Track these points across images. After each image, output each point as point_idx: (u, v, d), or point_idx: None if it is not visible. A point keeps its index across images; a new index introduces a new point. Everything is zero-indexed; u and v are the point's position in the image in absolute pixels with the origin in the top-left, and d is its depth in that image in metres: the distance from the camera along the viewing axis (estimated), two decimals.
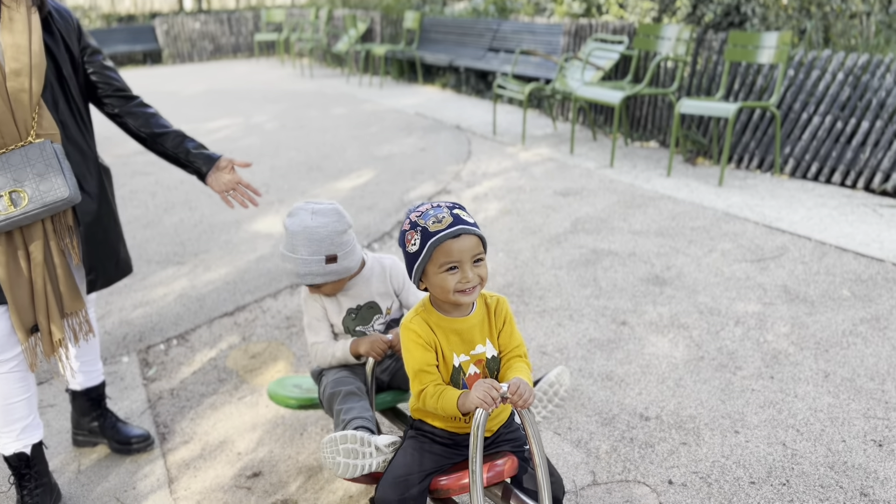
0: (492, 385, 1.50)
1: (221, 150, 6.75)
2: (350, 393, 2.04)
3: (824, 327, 2.98)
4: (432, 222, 1.59)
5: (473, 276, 1.60)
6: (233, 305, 3.60)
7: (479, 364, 1.71)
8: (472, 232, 1.59)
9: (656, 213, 4.44)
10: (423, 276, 1.64)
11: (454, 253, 1.57)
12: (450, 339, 1.68)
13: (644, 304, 3.29)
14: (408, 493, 1.67)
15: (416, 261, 1.61)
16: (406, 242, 1.64)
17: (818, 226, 4.08)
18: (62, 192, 1.93)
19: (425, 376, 1.65)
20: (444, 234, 1.57)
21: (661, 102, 6.25)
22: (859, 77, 4.99)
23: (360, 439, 1.73)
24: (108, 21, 16.36)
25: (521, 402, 1.51)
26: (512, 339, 1.75)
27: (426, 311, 1.69)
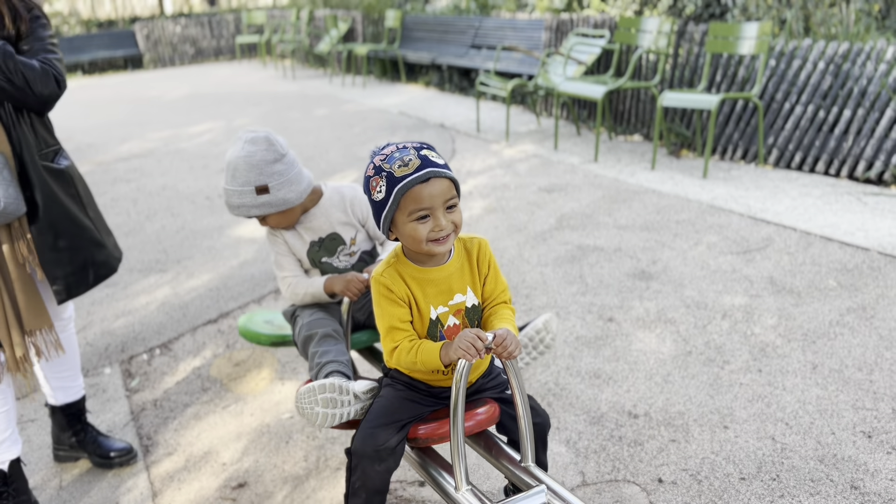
0: (476, 335, 1.41)
1: (204, 153, 6.69)
2: (326, 335, 1.98)
3: (811, 318, 2.97)
4: (398, 166, 1.46)
5: (447, 224, 1.48)
6: (216, 312, 3.55)
7: (459, 314, 1.62)
8: (443, 174, 1.46)
9: (641, 208, 4.43)
10: (392, 226, 1.52)
11: (424, 199, 1.44)
12: (426, 290, 1.57)
13: (631, 300, 3.27)
14: (385, 443, 1.59)
15: (384, 210, 1.49)
16: (371, 189, 1.51)
17: (803, 216, 4.07)
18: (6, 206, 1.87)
19: (398, 333, 1.55)
20: (413, 179, 1.44)
21: (643, 96, 6.24)
22: (840, 65, 4.99)
23: (339, 388, 1.67)
24: (87, 27, 16.22)
25: (506, 353, 1.43)
26: (497, 285, 1.64)
27: (399, 262, 1.58)
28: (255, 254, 4.23)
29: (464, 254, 1.62)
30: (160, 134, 7.94)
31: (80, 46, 14.56)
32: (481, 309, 1.65)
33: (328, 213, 2.14)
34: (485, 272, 1.63)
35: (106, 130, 8.32)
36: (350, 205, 2.16)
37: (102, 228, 2.30)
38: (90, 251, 2.19)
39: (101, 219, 2.31)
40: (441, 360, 1.50)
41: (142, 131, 8.16)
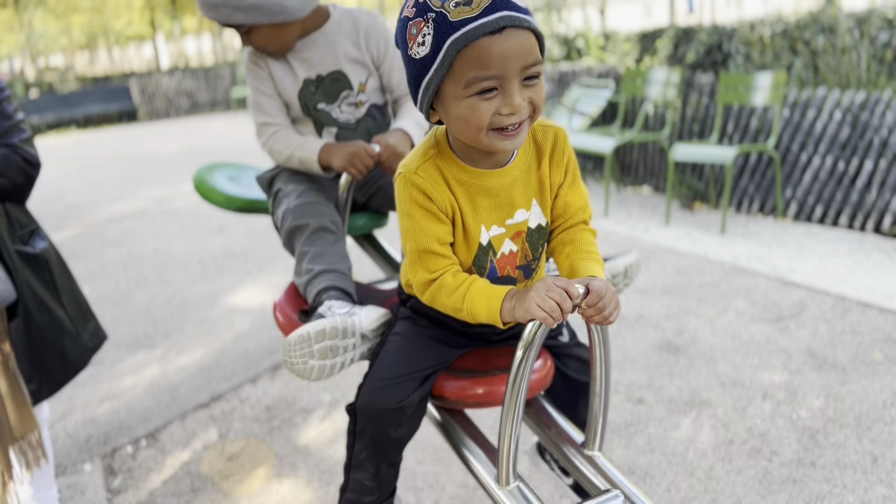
0: (566, 290, 0.97)
1: (197, 213, 6.47)
2: (319, 229, 1.51)
3: (862, 399, 2.70)
4: (455, 4, 0.95)
5: (522, 103, 0.99)
6: (208, 395, 3.27)
7: (518, 238, 1.16)
8: (525, 24, 0.97)
9: (660, 269, 4.18)
10: (435, 100, 1.04)
11: (493, 61, 0.94)
12: (476, 202, 1.11)
13: (660, 378, 3.00)
14: (403, 401, 1.16)
15: (427, 73, 0.99)
16: (408, 39, 1.00)
17: (834, 277, 3.83)
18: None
19: (435, 260, 1.10)
20: (479, 27, 0.94)
21: (651, 147, 6.06)
22: (858, 115, 4.81)
23: (342, 331, 1.24)
24: (83, 83, 16.21)
25: (600, 317, 1.00)
26: (576, 196, 1.19)
27: (441, 156, 1.10)
28: (251, 325, 3.96)
29: (532, 150, 1.14)
30: (153, 192, 7.74)
31: (75, 102, 14.48)
32: (549, 231, 1.20)
33: (334, 42, 1.62)
34: (559, 179, 1.16)
35: (98, 189, 8.11)
36: (365, 36, 1.64)
37: (78, 315, 2.06)
38: (63, 341, 1.96)
39: (77, 304, 2.08)
40: (502, 316, 1.04)
41: (135, 189, 7.96)
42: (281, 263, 4.88)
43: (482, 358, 1.28)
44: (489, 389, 1.23)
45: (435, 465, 1.78)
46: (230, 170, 1.95)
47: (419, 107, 1.07)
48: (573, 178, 1.19)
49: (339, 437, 2.82)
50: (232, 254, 5.22)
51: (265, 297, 4.32)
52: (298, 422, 2.98)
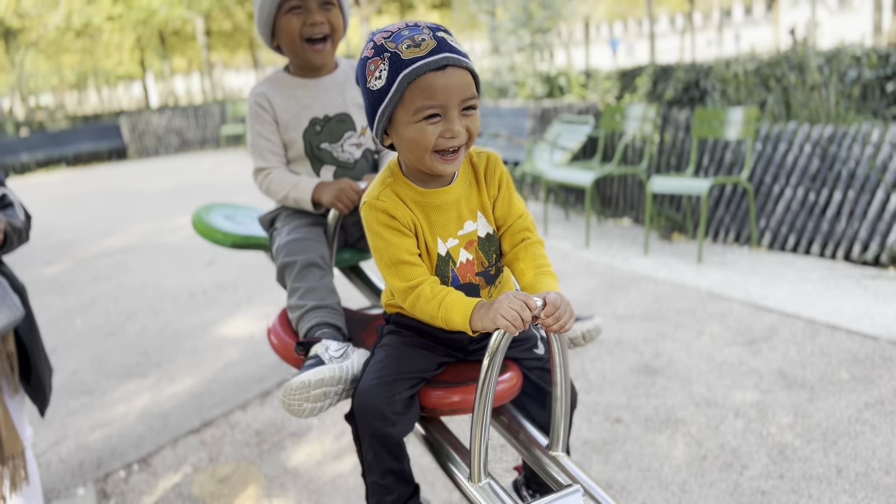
0: (524, 302, 1.11)
1: (187, 247, 6.57)
2: (308, 265, 1.61)
3: (828, 415, 2.83)
4: (406, 46, 1.15)
5: (461, 129, 1.17)
6: (199, 421, 3.35)
7: (471, 247, 1.31)
8: (463, 64, 1.16)
9: (639, 296, 4.32)
10: (389, 126, 1.21)
11: (437, 93, 1.14)
12: (431, 218, 1.27)
13: (637, 398, 3.12)
14: (396, 396, 1.28)
15: (382, 102, 1.17)
16: (368, 74, 1.19)
17: (805, 302, 3.97)
18: (14, 313, 1.78)
19: (409, 269, 1.24)
20: (425, 64, 1.13)
21: (631, 179, 6.24)
22: (826, 148, 5.01)
23: (338, 378, 1.36)
24: (73, 121, 16.37)
25: (558, 325, 1.14)
26: (512, 207, 1.34)
27: (396, 182, 1.27)
28: (240, 354, 4.05)
29: (470, 171, 1.32)
30: (143, 227, 7.83)
31: (65, 140, 14.62)
32: (497, 238, 1.35)
33: (343, 87, 1.76)
34: (494, 193, 1.32)
35: (88, 225, 8.20)
36: None
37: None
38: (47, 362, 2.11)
39: None
40: (471, 324, 1.18)
41: (124, 225, 8.05)
42: (270, 294, 4.98)
43: (457, 372, 1.42)
44: (463, 398, 1.36)
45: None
46: (226, 209, 2.08)
47: (374, 132, 1.23)
48: (507, 191, 1.33)
49: (327, 460, 2.90)
50: (222, 286, 5.31)
51: (254, 328, 4.42)
52: (288, 445, 3.06)
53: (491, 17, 10.82)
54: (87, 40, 22.34)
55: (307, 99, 1.73)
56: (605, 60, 32.98)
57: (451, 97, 1.15)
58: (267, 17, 1.69)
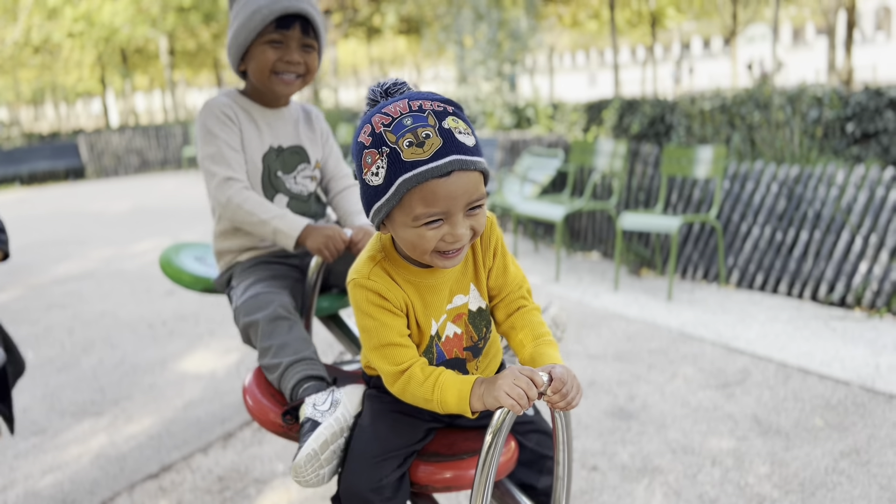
0: (531, 378, 1.04)
1: (147, 276, 6.37)
2: (274, 319, 1.51)
3: (805, 465, 2.80)
4: (408, 144, 1.03)
5: (464, 232, 1.08)
6: (158, 465, 3.19)
7: (460, 321, 1.23)
8: (472, 166, 1.05)
9: (610, 334, 4.29)
10: (387, 220, 1.12)
11: (439, 201, 1.03)
12: (426, 298, 1.19)
13: (613, 444, 3.06)
14: (384, 481, 1.18)
15: (379, 200, 1.07)
16: (364, 166, 1.08)
17: (775, 343, 3.98)
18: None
19: (399, 352, 1.16)
20: (428, 171, 1.02)
21: (600, 214, 6.25)
22: (793, 188, 5.08)
23: (340, 430, 1.27)
24: (29, 139, 15.95)
25: (565, 403, 1.07)
26: (508, 276, 1.25)
27: (388, 260, 1.18)
28: (202, 392, 3.90)
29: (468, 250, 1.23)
30: (101, 252, 7.60)
31: (19, 158, 14.20)
32: (489, 312, 1.26)
33: (297, 123, 1.73)
34: (490, 263, 1.24)
35: (42, 249, 7.93)
36: (315, 121, 1.76)
37: None
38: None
39: None
40: (471, 406, 1.09)
41: (81, 250, 7.81)
42: (232, 329, 4.82)
43: (450, 441, 1.32)
44: (457, 474, 1.26)
45: None
46: (196, 250, 1.98)
47: (371, 222, 1.14)
48: (503, 258, 1.26)
49: None
50: (182, 317, 5.15)
51: (217, 363, 4.27)
52: (252, 493, 2.93)
53: (459, 47, 10.87)
54: (45, 56, 21.89)
55: (265, 126, 1.67)
56: (570, 90, 33.49)
57: (455, 203, 1.05)
58: (242, 42, 1.61)
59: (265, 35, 1.60)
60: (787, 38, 53.34)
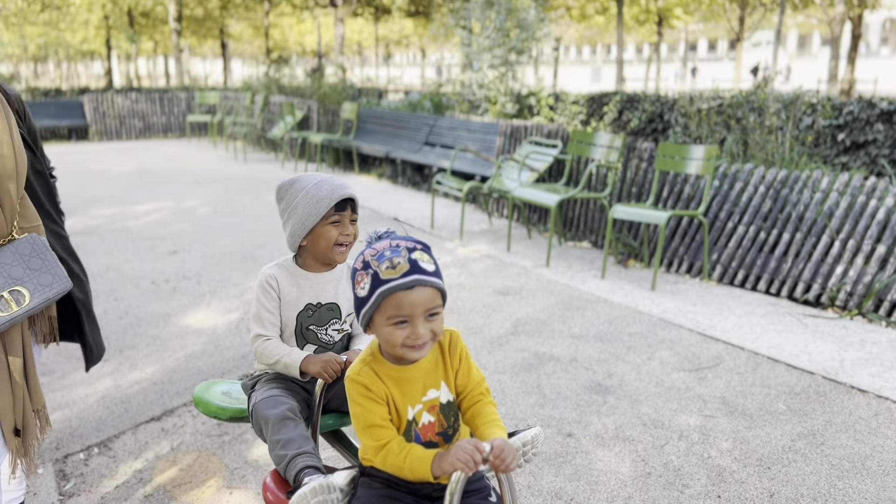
0: (475, 446, 1.37)
1: (150, 235, 6.55)
2: (283, 418, 1.88)
3: (764, 443, 3.02)
4: (385, 267, 1.44)
5: (425, 332, 1.45)
6: (160, 409, 3.39)
7: (433, 411, 1.57)
8: (430, 283, 1.45)
9: (594, 317, 4.50)
10: (370, 323, 1.51)
11: (405, 307, 1.42)
12: (403, 390, 1.55)
13: (589, 415, 3.27)
14: None
15: (364, 307, 1.48)
16: (356, 283, 1.51)
17: (749, 335, 4.20)
18: (62, 284, 1.88)
19: (381, 431, 1.51)
20: (396, 285, 1.42)
21: (592, 205, 6.45)
22: (779, 191, 5.29)
23: (326, 487, 1.60)
24: (32, 94, 16.00)
25: (504, 466, 1.39)
26: (470, 377, 1.61)
27: (375, 361, 1.55)
28: (203, 346, 4.09)
29: (436, 347, 1.59)
30: (104, 211, 7.76)
31: None
32: (457, 404, 1.61)
33: (339, 282, 2.09)
34: (456, 366, 1.60)
35: None
36: None
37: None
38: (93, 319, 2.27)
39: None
40: (432, 472, 1.44)
41: (85, 207, 7.96)
42: (234, 290, 5.02)
43: None
44: None
45: None
46: (223, 386, 2.35)
47: (360, 325, 1.52)
48: (467, 363, 1.60)
49: None
50: (185, 276, 5.33)
51: (218, 321, 4.46)
52: (249, 438, 3.13)
53: (467, 33, 11.01)
54: (53, 13, 21.86)
55: (307, 288, 2.06)
56: (573, 83, 33.58)
57: (416, 310, 1.43)
58: (310, 225, 2.00)
59: (328, 218, 1.99)
60: (793, 46, 53.35)
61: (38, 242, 1.88)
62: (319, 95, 13.20)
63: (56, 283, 1.86)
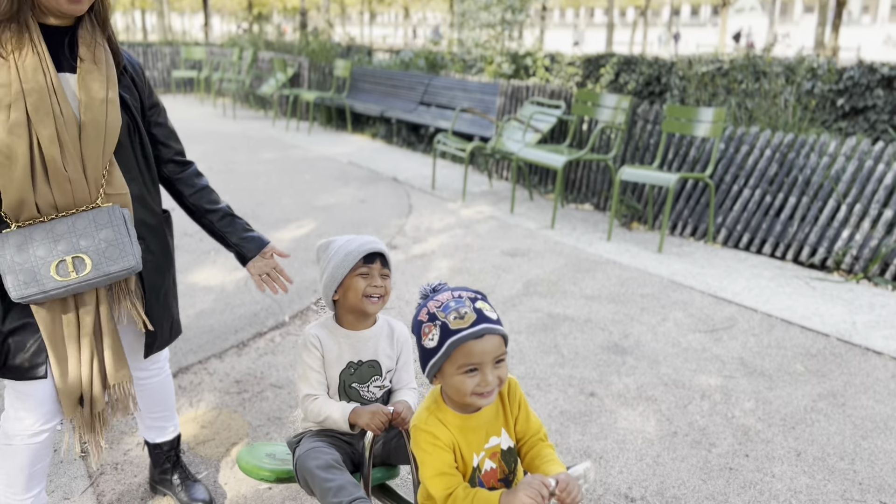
0: (542, 482, 1.38)
1: None
2: (328, 466, 1.88)
3: (786, 403, 3.05)
4: (454, 318, 1.48)
5: (493, 379, 1.49)
6: (175, 367, 3.34)
7: (495, 458, 1.60)
8: (497, 332, 1.49)
9: (605, 278, 4.49)
10: (438, 373, 1.53)
11: (475, 355, 1.46)
12: (468, 437, 1.57)
13: (609, 375, 3.28)
14: None
15: (433, 358, 1.50)
16: (422, 335, 1.53)
17: (759, 297, 4.22)
18: (128, 262, 1.79)
19: (449, 479, 1.52)
20: (467, 335, 1.46)
21: (595, 167, 6.42)
22: (785, 154, 5.28)
23: None
24: None
25: (570, 499, 1.41)
26: (530, 424, 1.64)
27: (439, 410, 1.57)
28: (213, 303, 4.03)
29: (497, 395, 1.61)
30: None
31: None
32: (517, 450, 1.64)
33: (378, 339, 2.10)
34: (516, 412, 1.63)
35: None
36: (397, 340, 2.13)
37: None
38: (174, 306, 2.18)
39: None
40: None
41: None
42: None
43: None
44: None
45: None
46: (266, 447, 2.32)
47: (427, 375, 1.54)
48: (525, 411, 1.64)
49: None
50: (186, 233, 5.24)
51: (225, 278, 4.39)
52: (269, 396, 3.10)
53: None
54: None
55: (347, 346, 2.06)
56: (557, 46, 33.29)
57: (486, 357, 1.46)
58: (339, 276, 2.01)
59: (356, 270, 1.99)
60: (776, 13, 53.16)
61: (117, 214, 1.79)
62: (308, 52, 12.94)
63: (122, 259, 1.78)
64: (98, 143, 1.78)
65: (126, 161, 1.90)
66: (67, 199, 1.77)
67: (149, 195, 1.99)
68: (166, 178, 2.15)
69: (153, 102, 2.04)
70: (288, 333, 3.71)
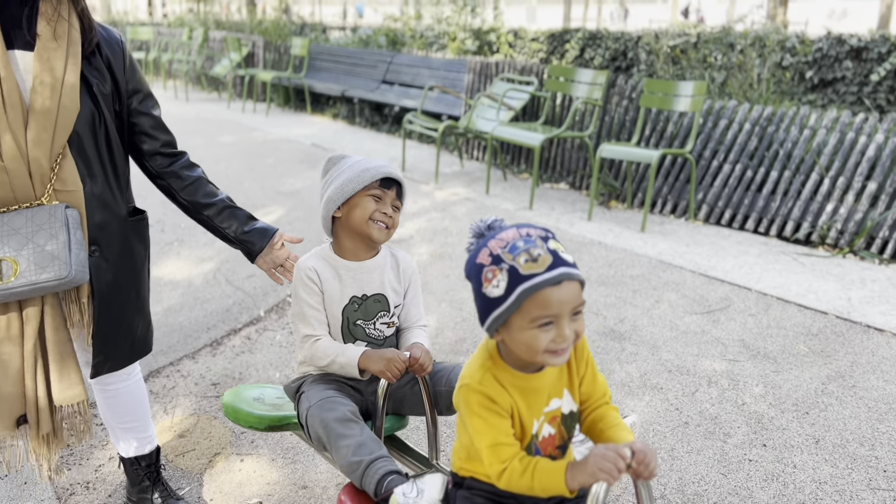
0: (617, 453, 1.18)
1: None
2: (346, 420, 1.67)
3: (796, 387, 2.93)
4: (524, 260, 1.22)
5: (571, 334, 1.24)
6: (145, 370, 3.08)
7: (554, 422, 1.37)
8: (576, 277, 1.24)
9: (592, 260, 4.34)
10: (503, 327, 1.28)
11: (552, 305, 1.20)
12: (528, 400, 1.33)
13: (609, 362, 3.12)
14: None
15: (498, 308, 1.25)
16: (484, 281, 1.27)
17: (751, 275, 4.11)
18: (59, 272, 1.54)
19: (504, 449, 1.29)
20: (542, 281, 1.21)
21: (570, 145, 6.25)
22: (765, 128, 5.18)
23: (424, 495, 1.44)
24: None
25: (648, 472, 1.20)
26: (596, 385, 1.42)
27: (496, 367, 1.33)
28: (181, 299, 3.76)
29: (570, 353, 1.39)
30: None
31: None
32: (579, 414, 1.42)
33: (383, 270, 1.88)
34: (583, 371, 1.40)
35: None
36: (403, 273, 1.92)
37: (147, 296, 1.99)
38: (136, 322, 1.91)
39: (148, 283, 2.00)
40: (567, 486, 1.22)
41: None
42: (203, 237, 4.65)
43: None
44: None
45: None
46: (253, 390, 2.07)
47: (486, 329, 1.30)
48: (592, 371, 1.42)
49: None
50: None
51: (192, 271, 4.12)
52: None
53: None
54: None
55: (349, 279, 1.85)
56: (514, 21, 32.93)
57: (564, 308, 1.22)
58: (349, 192, 1.81)
59: (369, 189, 1.80)
60: None
61: (60, 214, 1.56)
62: (261, 31, 12.49)
63: (53, 267, 1.54)
64: (47, 131, 1.55)
65: (85, 154, 1.66)
66: (5, 193, 1.54)
67: (111, 195, 1.75)
68: (155, 174, 1.91)
69: (136, 88, 1.80)
70: (264, 329, 3.47)
